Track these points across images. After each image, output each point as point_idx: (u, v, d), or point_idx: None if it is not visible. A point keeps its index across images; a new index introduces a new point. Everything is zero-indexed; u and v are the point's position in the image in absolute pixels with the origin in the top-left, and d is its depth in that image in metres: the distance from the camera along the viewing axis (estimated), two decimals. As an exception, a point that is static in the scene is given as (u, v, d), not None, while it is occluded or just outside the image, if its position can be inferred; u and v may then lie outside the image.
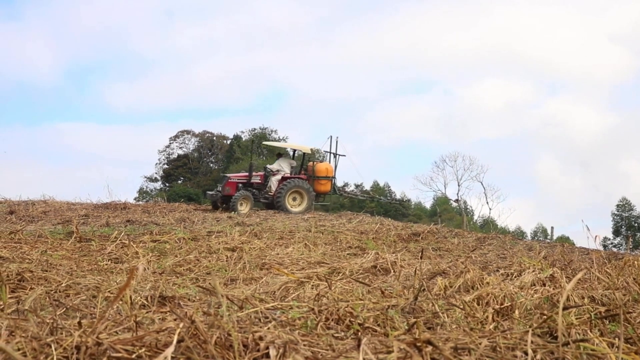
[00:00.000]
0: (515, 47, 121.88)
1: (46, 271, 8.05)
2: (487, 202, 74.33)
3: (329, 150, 28.66)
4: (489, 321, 5.46)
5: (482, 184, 75.24)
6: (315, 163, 28.35)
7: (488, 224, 66.88)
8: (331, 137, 28.00)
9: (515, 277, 8.66)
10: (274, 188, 26.11)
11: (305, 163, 28.38)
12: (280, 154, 28.55)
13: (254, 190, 25.73)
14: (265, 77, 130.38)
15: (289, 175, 26.82)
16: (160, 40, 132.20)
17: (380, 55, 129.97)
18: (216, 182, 26.76)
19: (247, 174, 26.47)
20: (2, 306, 5.08)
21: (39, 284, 7.00)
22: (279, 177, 26.42)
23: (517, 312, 5.89)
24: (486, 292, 6.44)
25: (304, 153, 28.41)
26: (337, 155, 28.15)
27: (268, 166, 27.43)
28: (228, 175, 26.64)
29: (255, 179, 26.12)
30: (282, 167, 27.09)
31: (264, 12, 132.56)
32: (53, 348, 3.53)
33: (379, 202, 46.03)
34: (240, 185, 25.58)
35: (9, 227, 15.23)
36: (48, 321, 4.11)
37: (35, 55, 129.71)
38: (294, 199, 26.18)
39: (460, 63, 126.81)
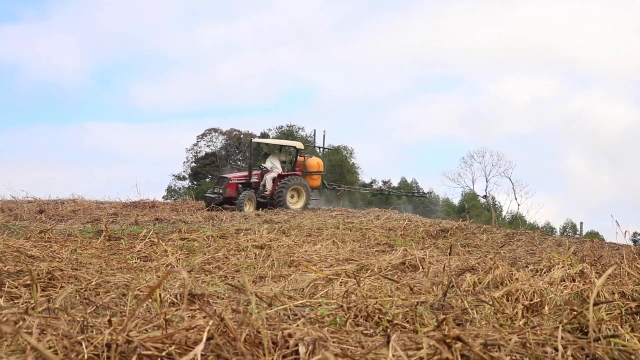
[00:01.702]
0: (540, 42, 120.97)
1: (76, 270, 8.09)
2: (516, 198, 74.17)
3: (321, 146, 28.66)
4: (519, 317, 5.44)
5: (510, 180, 75.09)
6: (306, 158, 28.18)
7: (517, 220, 66.59)
8: (324, 131, 28.04)
9: (544, 272, 8.62)
10: (268, 186, 25.89)
11: (296, 159, 28.01)
12: (277, 151, 28.19)
13: (252, 190, 25.47)
14: (289, 75, 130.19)
15: (283, 172, 26.64)
16: (185, 39, 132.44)
17: (405, 52, 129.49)
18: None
19: (246, 174, 26.24)
20: (33, 305, 5.11)
21: (69, 283, 7.04)
22: (273, 175, 26.18)
23: (546, 308, 5.86)
24: (515, 288, 6.42)
25: (297, 149, 28.07)
26: (326, 149, 28.05)
27: (263, 165, 27.14)
28: (228, 176, 26.20)
29: (253, 179, 25.86)
30: (275, 164, 26.87)
31: (288, 11, 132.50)
32: (84, 346, 3.55)
33: (409, 198, 45.88)
34: (239, 186, 25.31)
35: (39, 226, 15.31)
36: (79, 319, 4.13)
37: (62, 55, 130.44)
38: (292, 196, 26.01)
39: (485, 59, 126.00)
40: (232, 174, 26.74)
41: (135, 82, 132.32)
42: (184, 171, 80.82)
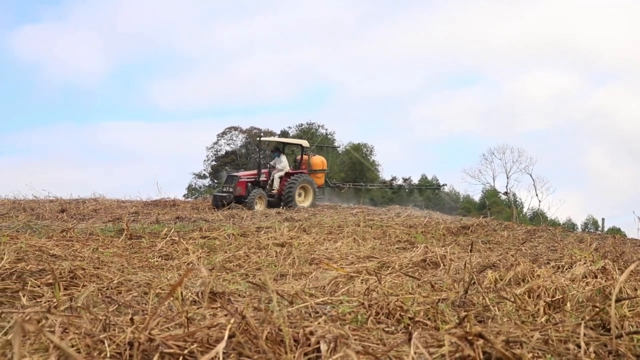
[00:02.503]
0: (561, 38, 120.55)
1: (98, 268, 8.12)
2: (537, 194, 73.80)
3: (323, 144, 28.61)
4: (541, 314, 5.43)
5: (531, 176, 74.71)
6: (310, 156, 28.16)
7: (538, 216, 66.38)
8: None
9: (566, 269, 8.59)
10: (276, 185, 25.83)
11: (302, 157, 27.97)
12: (278, 149, 28.06)
13: (261, 188, 25.30)
14: (309, 73, 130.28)
15: (291, 171, 26.58)
16: (204, 38, 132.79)
17: (425, 48, 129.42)
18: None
19: (255, 172, 26.09)
20: (55, 303, 5.14)
21: (91, 281, 7.07)
22: (281, 173, 26.12)
23: (568, 304, 5.84)
24: (537, 284, 6.40)
25: (303, 147, 28.08)
26: (331, 148, 28.01)
27: (271, 163, 27.10)
28: (237, 174, 25.98)
29: (262, 177, 25.74)
30: (283, 163, 26.85)
31: (307, 8, 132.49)
32: (106, 344, 3.56)
33: (422, 192, 45.83)
34: (249, 184, 25.12)
35: (61, 225, 15.38)
36: (101, 318, 4.15)
37: (82, 55, 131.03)
38: (299, 195, 25.90)
39: (505, 54, 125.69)
40: (241, 172, 26.62)
41: (155, 81, 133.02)
42: (204, 169, 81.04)
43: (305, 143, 28.11)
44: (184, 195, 69.89)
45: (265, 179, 25.86)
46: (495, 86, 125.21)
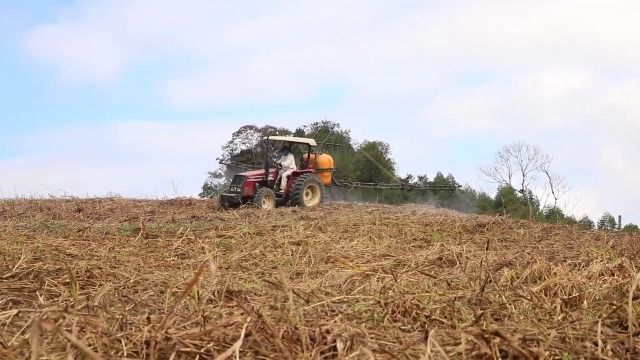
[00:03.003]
0: (575, 34, 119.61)
1: (114, 268, 8.15)
2: (553, 192, 73.63)
3: (329, 142, 28.53)
4: (557, 312, 5.41)
5: (547, 174, 74.56)
6: (316, 155, 27.98)
7: (554, 214, 66.19)
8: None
9: (583, 267, 8.57)
10: (283, 184, 25.65)
11: (309, 156, 27.76)
12: (286, 148, 27.86)
13: (268, 188, 25.03)
14: (323, 71, 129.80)
15: (298, 170, 26.41)
16: (218, 37, 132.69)
17: (440, 46, 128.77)
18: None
19: (262, 172, 25.85)
20: (72, 303, 5.16)
21: (107, 281, 7.09)
22: (288, 172, 25.95)
23: (585, 302, 5.82)
24: (554, 282, 6.39)
25: (310, 145, 27.87)
26: (339, 146, 27.92)
27: (278, 162, 26.85)
28: (245, 174, 25.76)
29: (270, 177, 25.47)
30: (291, 162, 26.67)
31: (320, 7, 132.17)
32: (123, 343, 3.58)
33: (436, 192, 45.66)
34: (257, 184, 24.83)
35: (77, 224, 15.43)
36: (117, 317, 4.17)
37: (97, 55, 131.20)
38: (306, 194, 25.61)
39: (520, 52, 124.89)
40: (248, 172, 26.43)
41: (170, 80, 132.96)
42: (219, 169, 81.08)
43: (312, 142, 27.96)
44: (200, 195, 69.91)
45: (273, 178, 25.67)
46: (511, 84, 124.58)
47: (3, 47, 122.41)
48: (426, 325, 4.70)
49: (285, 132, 71.82)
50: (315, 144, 28.36)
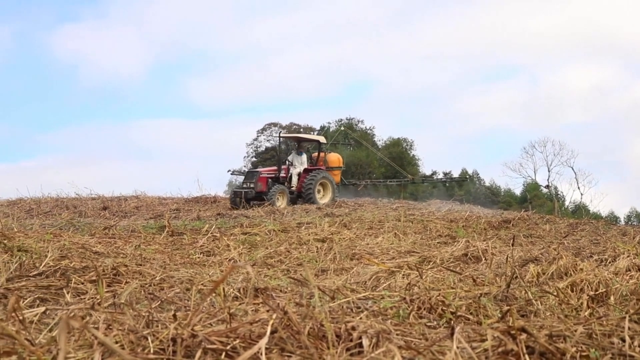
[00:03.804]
0: (600, 29, 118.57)
1: (140, 265, 8.18)
2: (579, 188, 73.24)
3: (339, 141, 28.37)
4: (584, 308, 5.39)
5: (572, 169, 74.18)
6: (326, 153, 27.93)
7: (580, 210, 65.84)
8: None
9: (609, 262, 8.53)
10: (294, 181, 25.54)
11: (319, 153, 27.70)
12: (299, 146, 27.74)
13: (282, 185, 24.87)
14: (348, 68, 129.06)
15: (309, 167, 26.32)
16: (242, 35, 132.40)
17: (464, 41, 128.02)
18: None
19: (275, 168, 25.77)
20: (99, 300, 5.18)
21: (133, 278, 7.11)
22: (299, 170, 25.83)
23: (612, 298, 5.80)
24: (580, 278, 6.36)
25: (320, 143, 27.82)
26: (348, 145, 27.75)
27: (289, 159, 26.72)
28: (259, 170, 25.72)
29: (282, 173, 25.39)
30: (303, 160, 26.56)
31: (342, 3, 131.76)
32: (150, 340, 3.59)
33: (446, 184, 45.57)
34: (269, 180, 24.74)
35: (103, 222, 15.56)
36: (144, 314, 4.19)
37: (120, 53, 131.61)
38: (318, 191, 25.47)
39: (545, 47, 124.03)
40: (261, 169, 26.34)
41: (194, 78, 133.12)
42: (244, 166, 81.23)
43: (322, 139, 27.96)
44: (225, 192, 70.09)
45: (285, 175, 25.57)
46: (535, 79, 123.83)
47: (29, 47, 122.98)
48: (452, 322, 4.69)
49: (309, 129, 71.89)
50: (325, 142, 28.21)
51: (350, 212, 19.79)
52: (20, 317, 3.79)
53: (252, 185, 24.30)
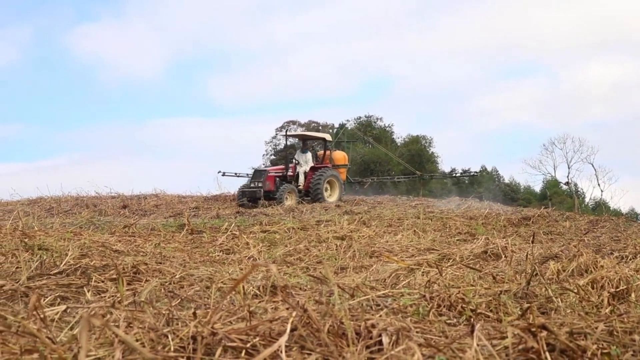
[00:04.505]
0: (621, 25, 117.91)
1: (160, 263, 8.20)
2: (599, 184, 73.00)
3: (342, 140, 28.33)
4: (605, 305, 5.37)
5: (592, 166, 73.92)
6: (331, 151, 27.77)
7: (600, 206, 65.59)
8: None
9: (630, 259, 8.50)
10: (301, 179, 25.30)
11: (325, 151, 27.48)
12: (305, 144, 27.55)
13: (290, 183, 24.57)
14: (366, 65, 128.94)
15: (315, 164, 26.10)
16: (260, 33, 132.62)
17: (483, 38, 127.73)
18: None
19: (282, 167, 25.61)
20: (119, 298, 5.20)
21: (153, 276, 7.14)
22: (306, 168, 25.62)
23: (633, 295, 5.78)
24: (600, 275, 6.33)
25: (325, 140, 27.59)
26: (352, 142, 27.68)
27: (296, 157, 26.45)
28: (266, 169, 25.35)
29: (289, 172, 25.17)
30: (308, 158, 26.35)
31: (361, 1, 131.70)
32: (170, 338, 3.60)
33: (455, 180, 45.52)
34: (277, 179, 24.52)
35: (123, 221, 15.60)
36: (164, 312, 4.20)
37: (139, 52, 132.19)
38: (325, 190, 25.20)
39: (565, 44, 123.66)
40: (269, 167, 26.16)
41: (212, 76, 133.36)
42: (263, 164, 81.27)
43: (327, 136, 27.77)
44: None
45: (292, 173, 25.37)
46: (556, 75, 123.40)
47: (47, 46, 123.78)
48: (472, 319, 4.68)
49: (327, 127, 71.81)
50: (331, 139, 28.09)
51: (369, 209, 19.77)
52: (42, 316, 3.81)
53: (260, 185, 24.03)
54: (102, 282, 6.52)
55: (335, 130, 69.42)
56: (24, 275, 6.40)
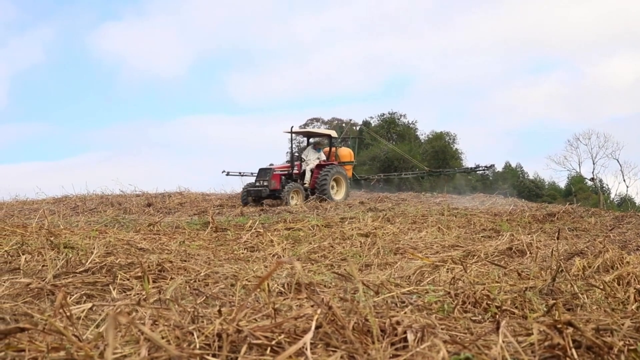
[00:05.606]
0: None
1: (185, 261, 8.22)
2: (624, 180, 72.65)
3: (348, 136, 28.26)
4: (631, 301, 5.34)
5: (618, 161, 73.51)
6: (337, 148, 27.62)
7: (626, 202, 65.22)
8: (348, 124, 27.89)
9: (656, 255, 8.43)
10: (307, 177, 25.02)
11: (331, 148, 27.26)
12: (312, 141, 27.46)
13: (295, 182, 24.26)
14: (388, 62, 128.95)
15: (321, 162, 25.81)
16: (281, 31, 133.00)
17: (505, 35, 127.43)
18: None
19: (288, 165, 25.25)
20: (145, 296, 5.22)
21: (178, 274, 7.15)
22: (312, 166, 25.36)
23: (660, 291, 5.74)
24: (626, 271, 6.30)
25: (331, 137, 27.25)
26: (357, 139, 27.61)
27: (302, 155, 26.43)
28: (272, 167, 24.71)
29: (295, 170, 24.87)
30: (314, 155, 26.21)
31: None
32: (195, 336, 3.61)
33: (465, 175, 45.27)
34: (283, 177, 24.24)
35: (148, 219, 15.67)
36: (189, 310, 4.21)
37: (161, 51, 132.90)
38: (332, 187, 24.86)
39: (587, 39, 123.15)
40: (274, 166, 25.58)
41: (235, 74, 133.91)
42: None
43: (333, 133, 27.51)
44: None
45: (298, 171, 25.12)
46: (579, 71, 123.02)
47: (71, 45, 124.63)
48: (497, 316, 4.67)
49: (351, 124, 71.72)
50: (336, 136, 27.95)
51: (393, 206, 19.76)
52: (68, 313, 3.84)
53: (265, 183, 23.73)
54: (128, 280, 6.55)
55: (359, 127, 69.36)
56: (50, 274, 6.44)
